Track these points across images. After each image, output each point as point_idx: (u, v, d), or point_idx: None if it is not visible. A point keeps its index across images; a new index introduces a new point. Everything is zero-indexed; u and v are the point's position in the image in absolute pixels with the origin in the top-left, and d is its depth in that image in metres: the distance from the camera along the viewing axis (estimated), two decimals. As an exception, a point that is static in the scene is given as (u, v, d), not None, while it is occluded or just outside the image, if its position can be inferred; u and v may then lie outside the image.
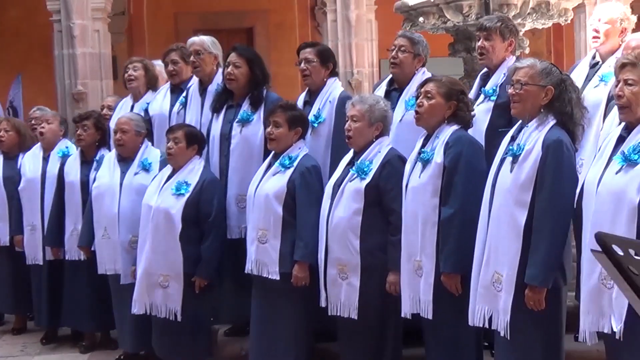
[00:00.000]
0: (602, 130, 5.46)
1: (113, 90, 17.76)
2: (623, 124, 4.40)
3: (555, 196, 4.52)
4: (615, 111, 5.23)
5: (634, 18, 6.43)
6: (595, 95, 5.87)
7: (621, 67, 4.29)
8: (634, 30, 6.46)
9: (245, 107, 6.60)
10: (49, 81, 19.07)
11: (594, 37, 6.28)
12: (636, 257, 1.93)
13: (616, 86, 4.34)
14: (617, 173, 4.20)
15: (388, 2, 16.87)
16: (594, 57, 6.39)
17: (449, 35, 9.16)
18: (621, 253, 1.93)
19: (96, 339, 7.57)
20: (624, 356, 4.33)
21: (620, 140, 4.33)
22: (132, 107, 7.75)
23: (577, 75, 6.24)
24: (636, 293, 1.98)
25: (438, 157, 5.11)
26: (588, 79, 6.18)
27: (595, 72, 6.20)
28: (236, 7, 22.45)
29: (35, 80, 20.54)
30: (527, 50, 8.85)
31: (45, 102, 18.34)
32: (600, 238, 1.92)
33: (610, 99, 5.82)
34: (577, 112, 4.72)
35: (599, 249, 1.99)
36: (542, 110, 4.72)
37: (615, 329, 4.21)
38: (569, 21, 9.15)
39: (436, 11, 8.69)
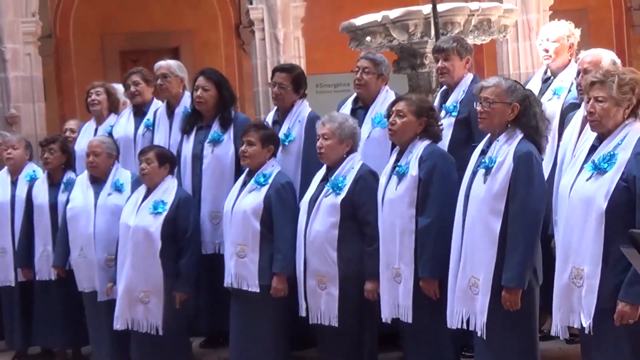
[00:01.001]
0: (561, 142, 5.81)
1: (45, 112, 17.86)
2: (596, 134, 4.76)
3: (528, 204, 4.89)
4: (573, 122, 5.66)
5: (578, 32, 6.85)
6: (549, 107, 6.21)
7: (591, 85, 4.66)
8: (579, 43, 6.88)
9: (216, 127, 6.89)
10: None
11: (544, 56, 6.69)
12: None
13: (587, 103, 4.71)
14: (587, 180, 4.56)
15: (313, 19, 17.29)
16: (545, 73, 6.80)
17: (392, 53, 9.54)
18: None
19: (67, 356, 7.73)
20: (593, 352, 4.70)
21: (592, 149, 4.70)
22: (96, 130, 7.97)
23: (533, 87, 6.65)
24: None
25: (413, 171, 5.45)
26: (541, 92, 6.56)
27: (548, 86, 6.62)
28: (162, 28, 22.56)
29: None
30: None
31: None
32: (633, 236, 2.25)
33: (563, 111, 6.25)
34: (541, 125, 5.10)
35: (628, 246, 2.32)
36: (509, 125, 5.08)
37: (584, 325, 4.56)
38: (507, 37, 9.60)
39: (382, 30, 9.05)
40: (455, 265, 5.15)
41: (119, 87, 8.27)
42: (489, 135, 5.22)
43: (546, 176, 5.39)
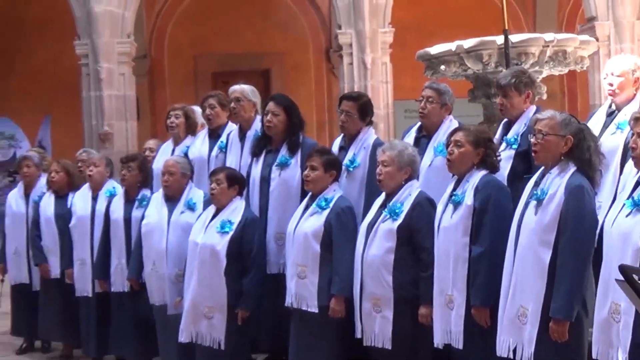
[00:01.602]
0: (622, 175, 5.88)
1: (137, 130, 18.35)
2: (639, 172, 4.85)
3: (578, 237, 4.98)
4: None
5: None
6: (612, 141, 6.31)
7: (635, 120, 4.77)
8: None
9: (284, 151, 7.12)
10: (76, 122, 19.56)
11: (609, 90, 6.75)
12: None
13: (631, 138, 4.80)
14: (627, 216, 4.65)
15: (402, 45, 17.45)
16: (610, 106, 6.83)
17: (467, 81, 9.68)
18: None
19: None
20: None
21: (637, 186, 4.79)
22: (173, 150, 8.28)
23: (595, 123, 6.70)
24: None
25: (468, 200, 5.58)
26: (605, 126, 6.62)
27: (612, 120, 6.65)
28: (253, 50, 23.00)
29: (62, 121, 21.13)
30: (544, 96, 9.37)
31: (72, 142, 18.99)
32: (623, 269, 2.39)
33: (626, 145, 6.30)
34: (595, 159, 5.19)
35: (622, 279, 2.46)
36: (562, 157, 5.18)
37: (620, 359, 4.65)
38: (584, 68, 9.65)
39: (457, 60, 9.20)
40: (505, 294, 5.27)
41: (198, 110, 8.55)
42: (542, 167, 5.33)
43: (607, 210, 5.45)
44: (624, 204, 4.72)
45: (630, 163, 5.82)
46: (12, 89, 22.39)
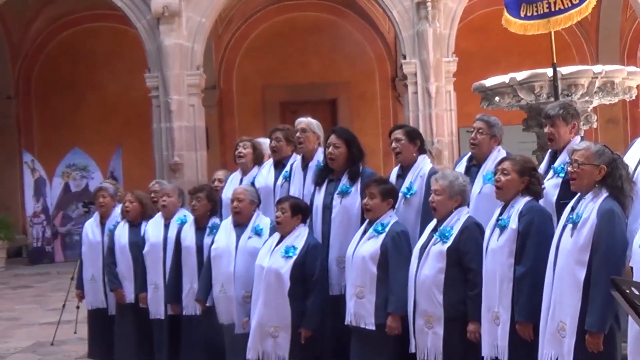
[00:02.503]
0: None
1: (207, 160, 18.91)
2: None
3: (609, 256, 5.38)
4: None
5: None
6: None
7: None
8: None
9: (345, 181, 7.60)
10: (146, 153, 20.20)
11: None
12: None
13: None
14: None
15: (465, 73, 17.86)
16: (650, 135, 7.21)
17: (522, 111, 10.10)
18: (631, 291, 2.83)
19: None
20: None
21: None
22: (241, 180, 8.80)
23: (636, 152, 7.05)
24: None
25: (513, 224, 6.02)
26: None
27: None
28: (320, 80, 23.54)
29: (133, 152, 21.82)
30: (595, 125, 9.75)
31: (143, 172, 19.69)
32: (614, 281, 2.83)
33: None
34: (626, 186, 5.60)
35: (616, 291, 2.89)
36: (596, 185, 5.61)
37: None
38: (633, 97, 10.02)
39: (510, 91, 9.64)
40: (545, 310, 5.69)
41: (265, 141, 9.05)
42: (579, 194, 5.76)
43: None
44: None
45: None
46: (84, 120, 23.22)
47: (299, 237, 7.36)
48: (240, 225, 7.91)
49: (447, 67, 18.74)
